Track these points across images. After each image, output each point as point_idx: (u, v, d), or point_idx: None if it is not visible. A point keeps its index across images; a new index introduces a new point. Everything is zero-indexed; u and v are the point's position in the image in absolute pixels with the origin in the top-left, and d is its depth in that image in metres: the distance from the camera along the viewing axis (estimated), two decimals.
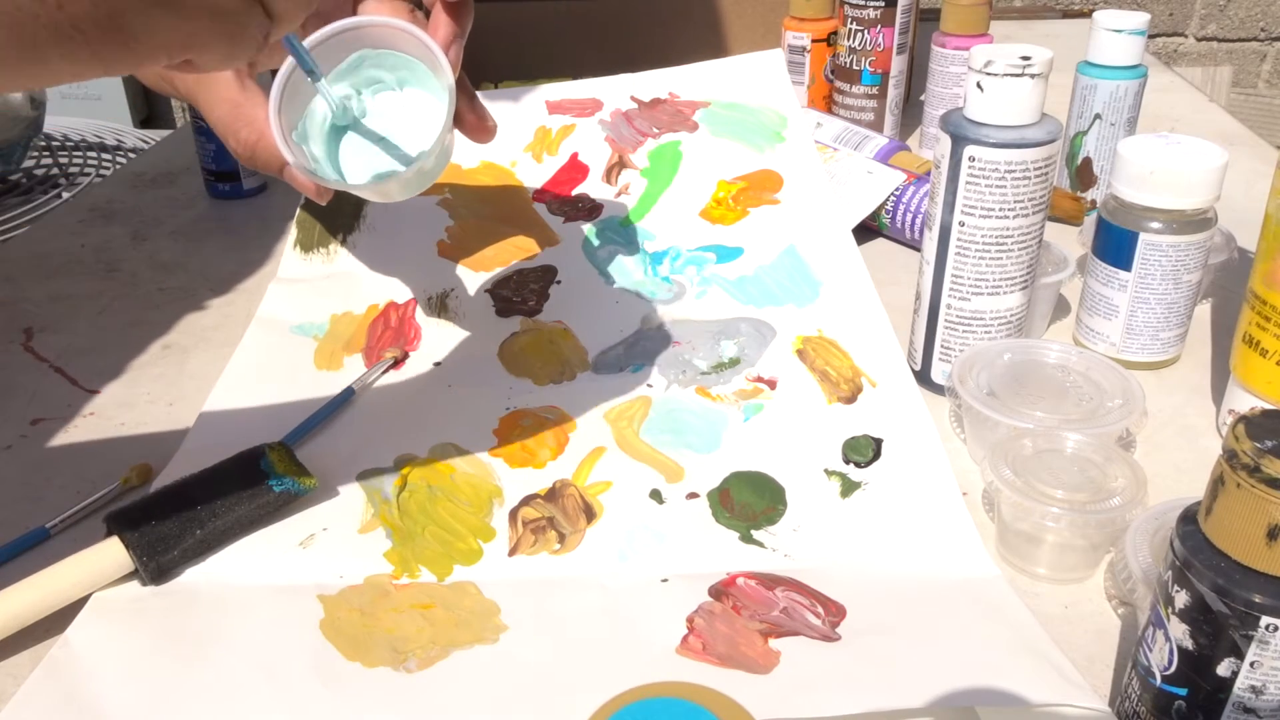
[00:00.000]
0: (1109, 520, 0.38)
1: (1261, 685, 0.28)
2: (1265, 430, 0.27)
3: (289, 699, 0.35)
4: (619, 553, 0.42)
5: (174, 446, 0.48)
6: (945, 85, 0.75)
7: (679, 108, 0.68)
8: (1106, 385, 0.46)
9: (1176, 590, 0.29)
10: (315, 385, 0.52)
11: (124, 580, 0.40)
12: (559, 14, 0.86)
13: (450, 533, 0.43)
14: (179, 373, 0.55)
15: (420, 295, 0.59)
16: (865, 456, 0.46)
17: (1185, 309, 0.52)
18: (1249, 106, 1.58)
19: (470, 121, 0.45)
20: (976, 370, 0.47)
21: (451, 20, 0.42)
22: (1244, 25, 1.53)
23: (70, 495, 0.46)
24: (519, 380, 0.52)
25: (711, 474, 0.45)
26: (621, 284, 0.59)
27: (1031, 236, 0.47)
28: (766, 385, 0.51)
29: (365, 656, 0.37)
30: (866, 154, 0.67)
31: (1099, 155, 0.66)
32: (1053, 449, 0.42)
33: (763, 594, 0.39)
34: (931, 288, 0.49)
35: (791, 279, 0.58)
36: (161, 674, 0.36)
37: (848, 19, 0.76)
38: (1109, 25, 0.62)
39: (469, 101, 0.45)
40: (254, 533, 0.43)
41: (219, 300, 0.62)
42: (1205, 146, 0.50)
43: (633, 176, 0.65)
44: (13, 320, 0.61)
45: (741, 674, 0.35)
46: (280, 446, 0.44)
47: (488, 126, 0.45)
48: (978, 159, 0.45)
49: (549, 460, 0.47)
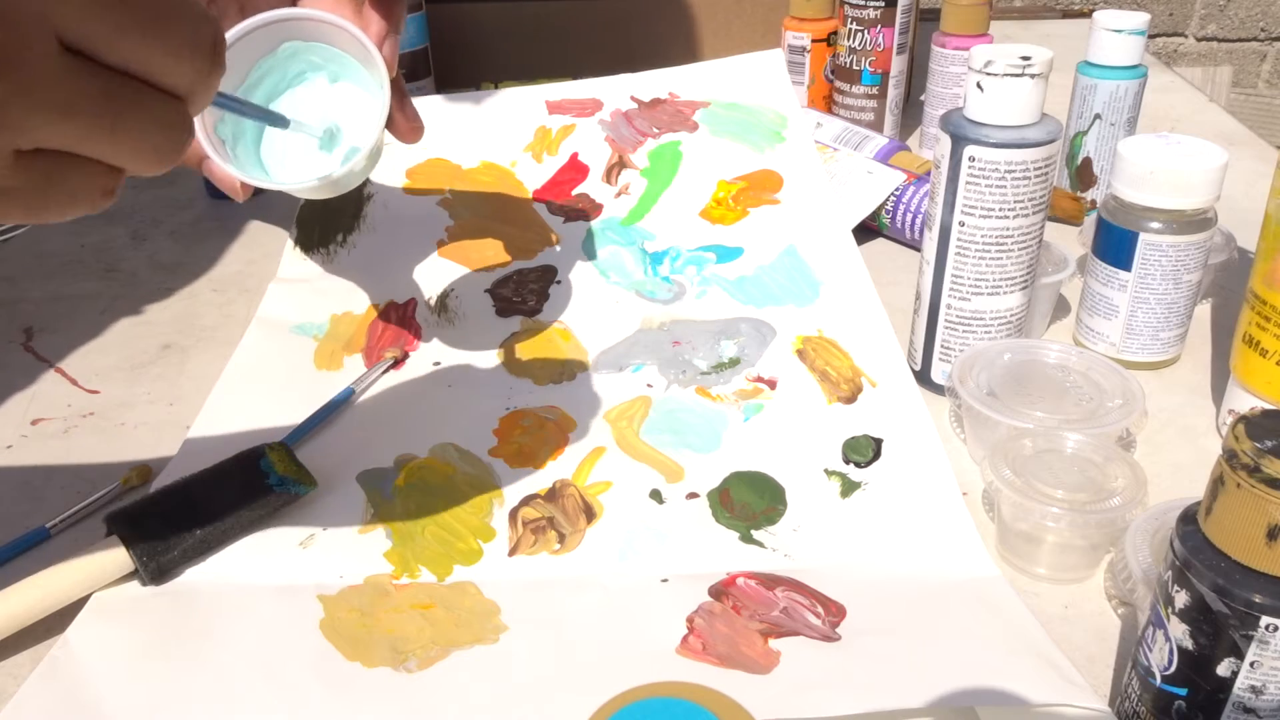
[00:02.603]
0: (1109, 520, 0.38)
1: (1261, 685, 0.28)
2: (1265, 430, 0.27)
3: (289, 699, 0.35)
4: (619, 553, 0.42)
5: (174, 446, 0.48)
6: (945, 85, 0.75)
7: (679, 108, 0.68)
8: (1106, 385, 0.46)
9: (1176, 590, 0.29)
10: (315, 385, 0.52)
11: (124, 580, 0.40)
12: (559, 14, 0.86)
13: (450, 533, 0.43)
14: (179, 373, 0.55)
15: (420, 295, 0.59)
16: (865, 456, 0.46)
17: (1185, 309, 0.52)
18: (1249, 106, 1.58)
19: (400, 123, 0.43)
20: (976, 370, 0.47)
21: (382, 17, 0.40)
22: (1244, 25, 1.53)
23: (70, 495, 0.46)
24: (519, 380, 0.52)
25: (711, 474, 0.45)
26: (621, 284, 0.59)
27: (1031, 236, 0.47)
28: (766, 385, 0.51)
29: (365, 657, 0.37)
30: (866, 154, 0.67)
31: (1099, 155, 0.66)
32: (1053, 449, 0.42)
33: (763, 594, 0.39)
34: (931, 288, 0.49)
35: (791, 279, 0.58)
36: (161, 674, 0.36)
37: (848, 19, 0.76)
38: (1109, 25, 0.62)
39: (399, 102, 0.43)
40: (254, 533, 0.43)
41: (219, 300, 0.62)
42: (1205, 146, 0.50)
43: (633, 176, 0.65)
44: (13, 320, 0.61)
45: (741, 674, 0.35)
46: (280, 446, 0.44)
47: (417, 128, 0.44)
48: (978, 159, 0.45)
49: (549, 460, 0.47)
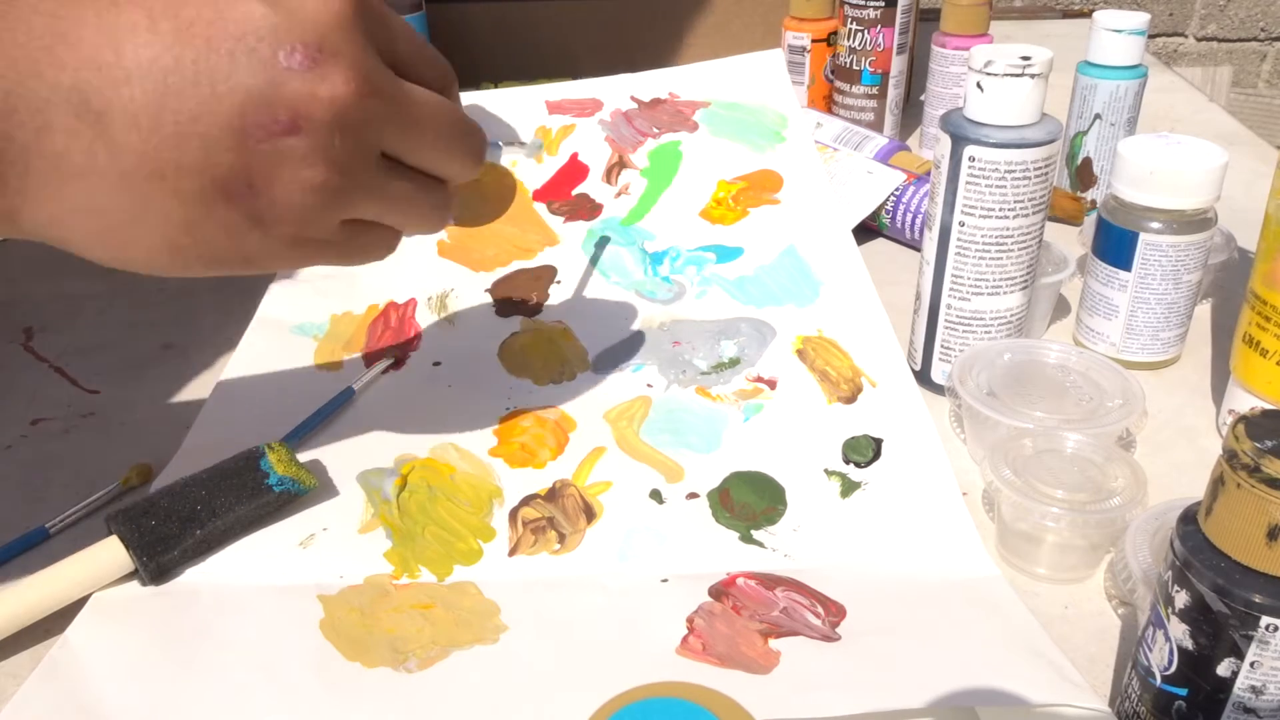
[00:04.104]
0: (1109, 520, 0.38)
1: (1261, 685, 0.28)
2: (1265, 430, 0.27)
3: (289, 699, 0.35)
4: (619, 553, 0.42)
5: (174, 446, 0.48)
6: (945, 85, 0.75)
7: (679, 108, 0.68)
8: (1106, 385, 0.46)
9: (1176, 590, 0.29)
10: (315, 385, 0.52)
11: (124, 580, 0.40)
12: (559, 14, 0.86)
13: (450, 533, 0.43)
14: (179, 373, 0.55)
15: (420, 295, 0.59)
16: (865, 456, 0.46)
17: (1185, 309, 0.52)
18: (1249, 106, 1.58)
19: None
20: (976, 370, 0.47)
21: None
22: (1244, 25, 1.53)
23: (70, 495, 0.46)
24: (519, 380, 0.52)
25: (711, 474, 0.45)
26: (621, 284, 0.59)
27: (1031, 236, 0.47)
28: (766, 385, 0.51)
29: (365, 656, 0.37)
30: (866, 154, 0.67)
31: (1099, 155, 0.66)
32: (1053, 449, 0.42)
33: (763, 594, 0.39)
34: (931, 288, 0.49)
35: (791, 279, 0.58)
36: (161, 674, 0.36)
37: (848, 19, 0.76)
38: (1109, 25, 0.62)
39: None
40: (254, 533, 0.43)
41: (219, 300, 0.62)
42: (1205, 146, 0.50)
43: (633, 176, 0.65)
44: (13, 320, 0.61)
45: (741, 674, 0.35)
46: (280, 446, 0.44)
47: None
48: (978, 159, 0.45)
49: (549, 460, 0.47)
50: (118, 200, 0.31)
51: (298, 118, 0.31)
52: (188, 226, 0.32)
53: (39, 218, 0.31)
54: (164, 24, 0.30)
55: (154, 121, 0.30)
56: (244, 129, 0.30)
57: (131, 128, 0.29)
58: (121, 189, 0.30)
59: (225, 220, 0.32)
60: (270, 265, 0.34)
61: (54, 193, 0.30)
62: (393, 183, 0.35)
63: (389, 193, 0.35)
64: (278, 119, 0.30)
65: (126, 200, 0.31)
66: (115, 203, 0.31)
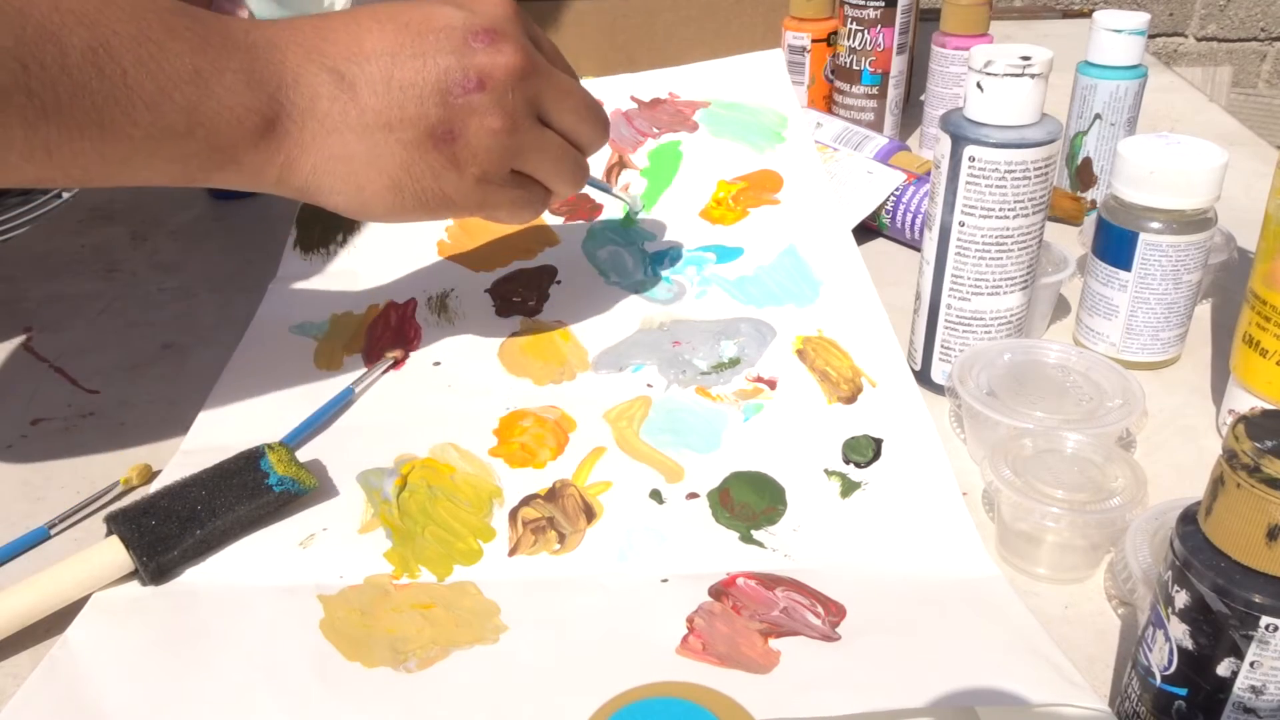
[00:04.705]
0: (1109, 520, 0.38)
1: (1261, 685, 0.28)
2: (1265, 430, 0.27)
3: (289, 699, 0.35)
4: (619, 553, 0.42)
5: (174, 446, 0.48)
6: (945, 85, 0.75)
7: (679, 108, 0.68)
8: (1106, 385, 0.46)
9: (1176, 590, 0.29)
10: (315, 385, 0.52)
11: (124, 580, 0.40)
12: (559, 14, 0.86)
13: (450, 533, 0.43)
14: (179, 373, 0.55)
15: (420, 295, 0.59)
16: (865, 456, 0.46)
17: (1185, 309, 0.52)
18: (1249, 106, 1.58)
19: None
20: (976, 370, 0.47)
21: None
22: (1244, 25, 1.52)
23: (70, 495, 0.46)
24: (519, 380, 0.52)
25: (711, 474, 0.45)
26: (621, 284, 0.59)
27: (1031, 236, 0.47)
28: (766, 385, 0.51)
29: (365, 657, 0.37)
30: (866, 154, 0.67)
31: (1099, 155, 0.66)
32: (1052, 449, 0.42)
33: (763, 594, 0.39)
34: (931, 288, 0.49)
35: (791, 279, 0.58)
36: (161, 674, 0.36)
37: (848, 19, 0.76)
38: (1109, 25, 0.62)
39: None
40: (254, 533, 0.43)
41: (219, 300, 0.62)
42: (1205, 146, 0.50)
43: (633, 176, 0.65)
44: (13, 320, 0.61)
45: (741, 674, 0.35)
46: (280, 446, 0.44)
47: None
48: (978, 159, 0.45)
49: (549, 460, 0.47)
50: (360, 147, 0.42)
51: (484, 79, 0.42)
52: (407, 166, 0.42)
53: (305, 166, 0.42)
54: (389, 25, 0.42)
55: (385, 86, 0.41)
56: (447, 88, 0.42)
57: (371, 93, 0.41)
58: (363, 138, 0.42)
59: (433, 162, 0.43)
60: (462, 204, 0.44)
61: (320, 143, 0.41)
62: (547, 136, 0.46)
63: (545, 144, 0.46)
64: (469, 80, 0.42)
65: (365, 147, 0.42)
66: (358, 150, 0.42)
